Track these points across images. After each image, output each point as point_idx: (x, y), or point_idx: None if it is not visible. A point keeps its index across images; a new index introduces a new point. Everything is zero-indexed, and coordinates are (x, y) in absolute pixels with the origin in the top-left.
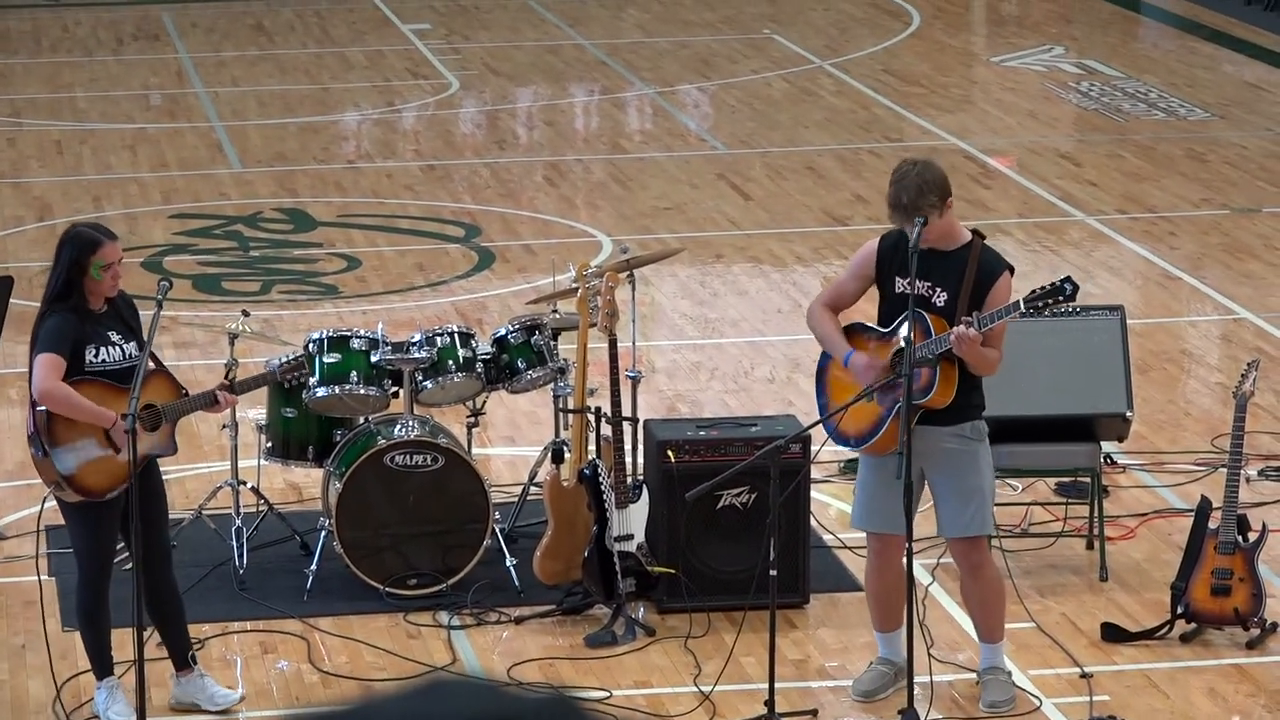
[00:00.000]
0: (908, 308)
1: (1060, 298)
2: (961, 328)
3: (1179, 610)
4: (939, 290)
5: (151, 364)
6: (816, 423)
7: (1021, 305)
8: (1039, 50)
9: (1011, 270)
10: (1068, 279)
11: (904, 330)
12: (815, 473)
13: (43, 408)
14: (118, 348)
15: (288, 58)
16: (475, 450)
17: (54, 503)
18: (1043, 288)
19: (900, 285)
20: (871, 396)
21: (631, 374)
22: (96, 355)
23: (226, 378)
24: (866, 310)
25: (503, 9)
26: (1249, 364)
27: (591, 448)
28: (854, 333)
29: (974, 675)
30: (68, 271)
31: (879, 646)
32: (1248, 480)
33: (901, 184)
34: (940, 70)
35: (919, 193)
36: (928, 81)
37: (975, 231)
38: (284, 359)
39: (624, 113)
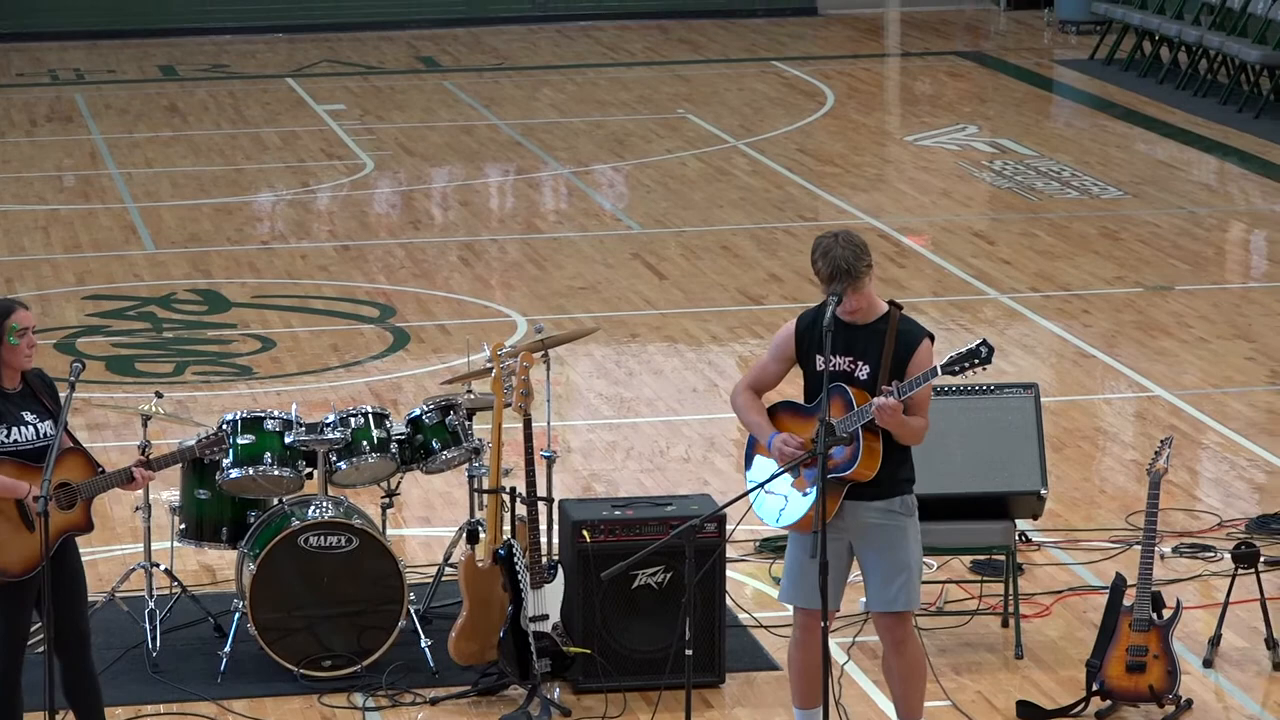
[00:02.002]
0: (831, 383)
1: (976, 360)
2: (881, 397)
3: (1094, 687)
4: (861, 364)
5: (68, 442)
6: (731, 501)
7: (939, 369)
8: (953, 129)
9: (931, 337)
10: (983, 342)
11: (817, 405)
12: (731, 552)
13: None
14: (31, 427)
15: (202, 139)
16: (390, 531)
17: None
18: (959, 352)
19: (822, 362)
20: (798, 472)
21: (546, 454)
22: (8, 435)
23: (143, 454)
24: (785, 390)
25: (417, 89)
26: (1163, 441)
27: (507, 528)
28: (779, 411)
29: None
30: None
31: None
32: (1162, 557)
33: (832, 253)
34: (854, 149)
35: (856, 255)
36: (842, 160)
37: (892, 302)
38: (202, 435)
39: (539, 192)
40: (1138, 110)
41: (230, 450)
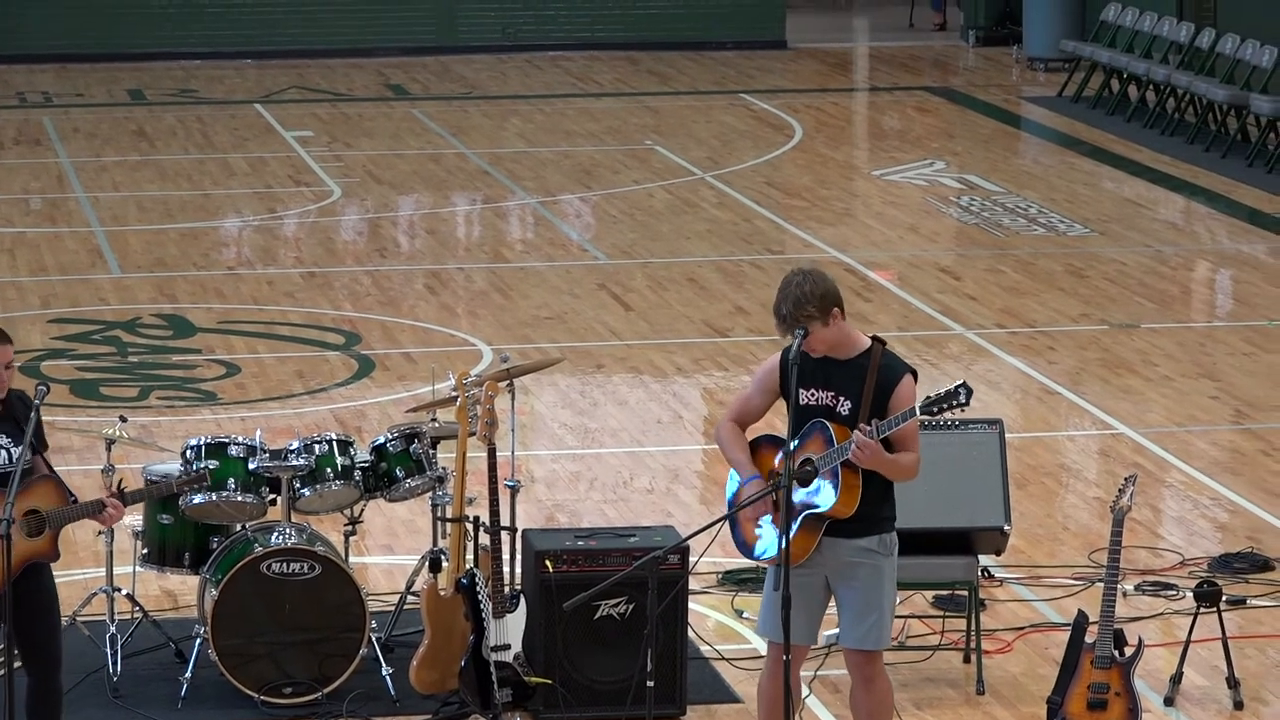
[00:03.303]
0: (812, 418)
1: (955, 403)
2: (860, 434)
3: None
4: (842, 399)
5: (43, 469)
6: (694, 533)
7: (918, 410)
8: (920, 164)
9: (915, 374)
10: (963, 384)
11: (798, 440)
12: (693, 584)
13: None
14: (4, 451)
15: (169, 163)
16: (352, 558)
17: None
18: (939, 393)
19: (804, 397)
20: (779, 507)
21: (510, 483)
22: None
23: (118, 487)
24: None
25: (385, 117)
26: (1126, 479)
27: (469, 557)
28: (762, 444)
29: None
30: None
31: None
32: (1124, 595)
33: (783, 294)
34: (822, 183)
35: (796, 304)
36: (809, 194)
37: (875, 338)
38: (182, 472)
39: (506, 222)
40: (1105, 148)
41: None
